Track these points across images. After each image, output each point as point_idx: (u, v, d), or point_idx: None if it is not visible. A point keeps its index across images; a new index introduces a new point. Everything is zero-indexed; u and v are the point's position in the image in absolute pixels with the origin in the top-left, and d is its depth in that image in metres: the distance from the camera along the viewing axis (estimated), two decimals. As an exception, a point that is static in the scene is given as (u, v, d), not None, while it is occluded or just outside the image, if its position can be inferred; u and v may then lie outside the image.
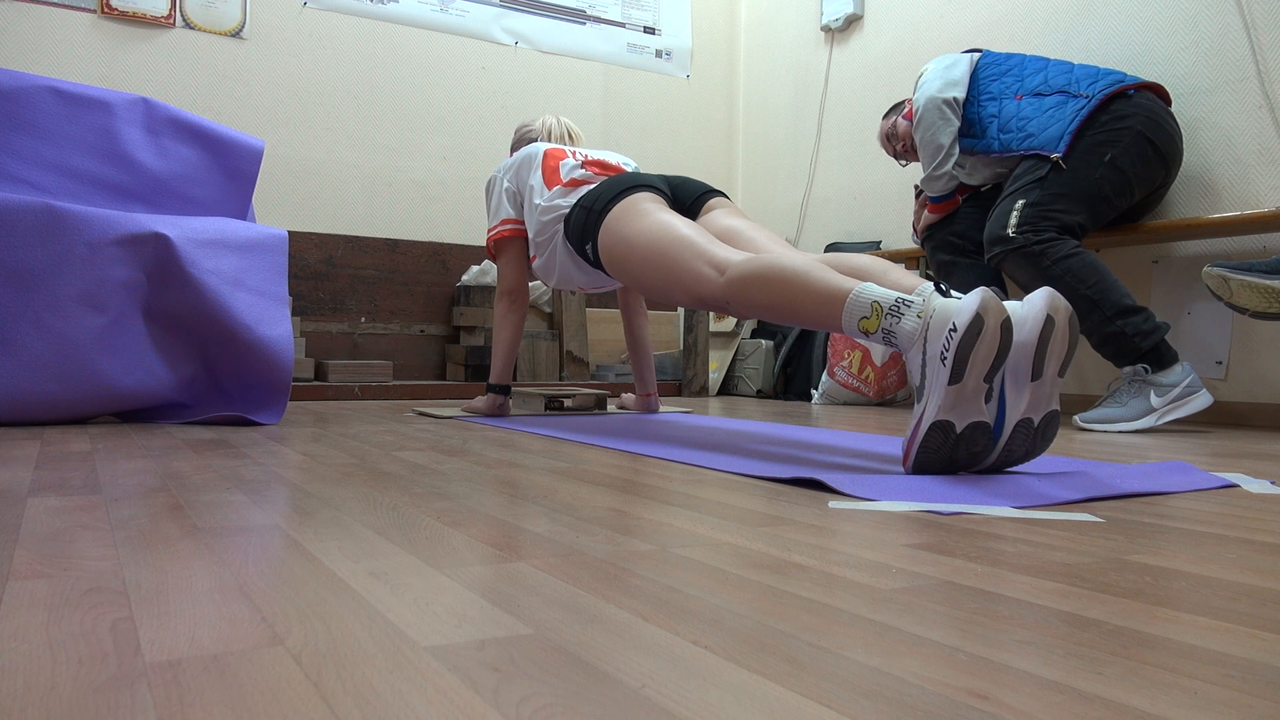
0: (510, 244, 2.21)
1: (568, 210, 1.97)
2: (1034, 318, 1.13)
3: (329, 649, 0.48)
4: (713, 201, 1.90)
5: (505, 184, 2.21)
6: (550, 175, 2.09)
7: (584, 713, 0.39)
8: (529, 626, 0.52)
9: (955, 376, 1.09)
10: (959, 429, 1.12)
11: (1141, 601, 0.59)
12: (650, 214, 1.72)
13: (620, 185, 1.86)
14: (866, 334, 1.21)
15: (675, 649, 0.48)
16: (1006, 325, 1.09)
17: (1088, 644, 0.49)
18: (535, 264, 2.14)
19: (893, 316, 1.18)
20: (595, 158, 2.11)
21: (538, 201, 2.07)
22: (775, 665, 0.46)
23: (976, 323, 1.07)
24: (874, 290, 1.21)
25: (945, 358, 1.09)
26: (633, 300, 2.49)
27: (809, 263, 1.33)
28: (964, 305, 1.09)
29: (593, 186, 1.94)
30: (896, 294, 1.19)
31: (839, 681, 0.43)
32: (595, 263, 1.89)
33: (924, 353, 1.14)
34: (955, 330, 1.08)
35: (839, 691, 0.42)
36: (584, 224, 1.88)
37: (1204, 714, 0.40)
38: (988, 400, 1.14)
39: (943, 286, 1.18)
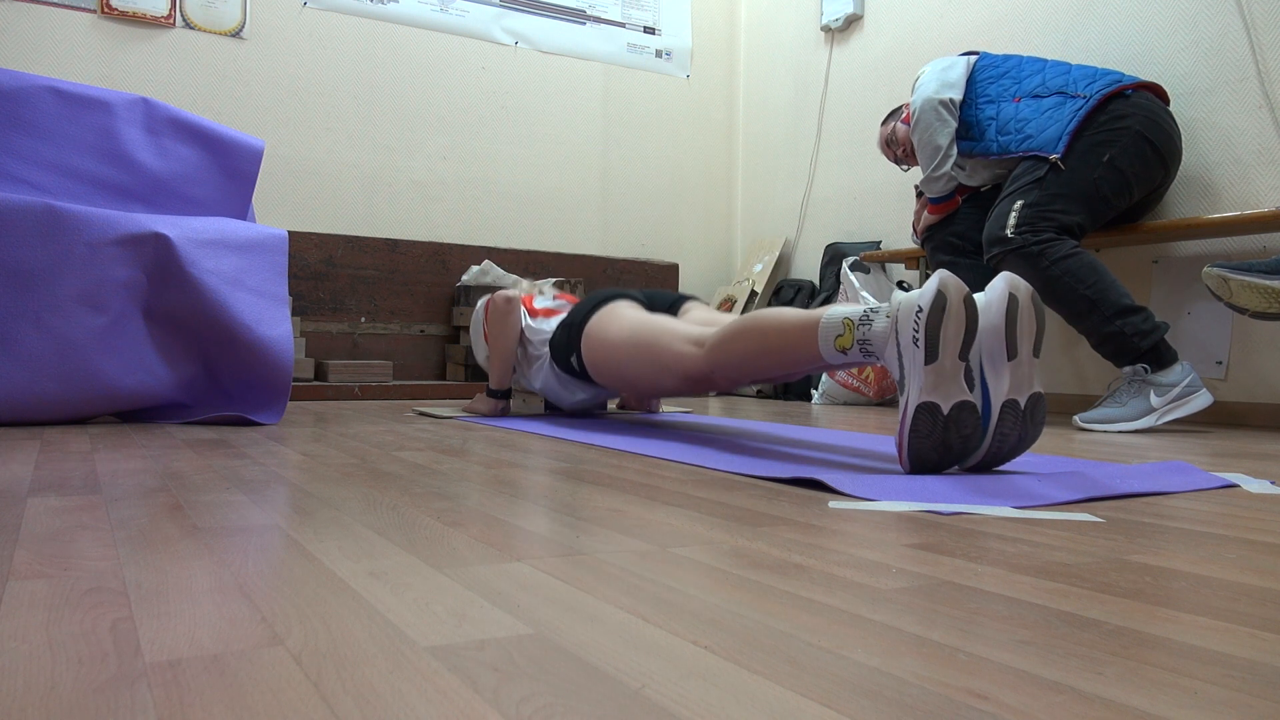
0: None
1: (550, 334, 2.10)
2: (998, 299, 1.18)
3: (329, 649, 0.48)
4: (687, 304, 2.00)
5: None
6: (529, 306, 2.26)
7: (584, 713, 0.39)
8: (529, 626, 0.52)
9: (930, 355, 1.14)
10: (945, 410, 1.15)
11: (1141, 601, 0.59)
12: (626, 315, 1.84)
13: (597, 298, 1.97)
14: (844, 352, 1.27)
15: (675, 649, 0.48)
16: (969, 300, 1.15)
17: (1088, 644, 0.49)
18: (523, 373, 2.26)
19: (864, 325, 1.24)
20: (563, 296, 2.31)
21: (526, 322, 2.23)
22: (775, 665, 0.46)
23: (940, 299, 1.13)
24: (842, 309, 1.29)
25: (917, 339, 1.14)
26: None
27: (776, 310, 1.42)
28: (925, 288, 1.16)
29: (570, 309, 2.06)
30: (864, 306, 1.27)
31: (839, 681, 0.43)
32: (582, 373, 1.98)
33: (898, 344, 1.19)
34: (921, 311, 1.14)
35: (839, 691, 0.42)
36: (566, 339, 1.98)
37: (1204, 714, 0.40)
38: (970, 386, 1.17)
39: (903, 283, 1.24)
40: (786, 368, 1.39)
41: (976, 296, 1.21)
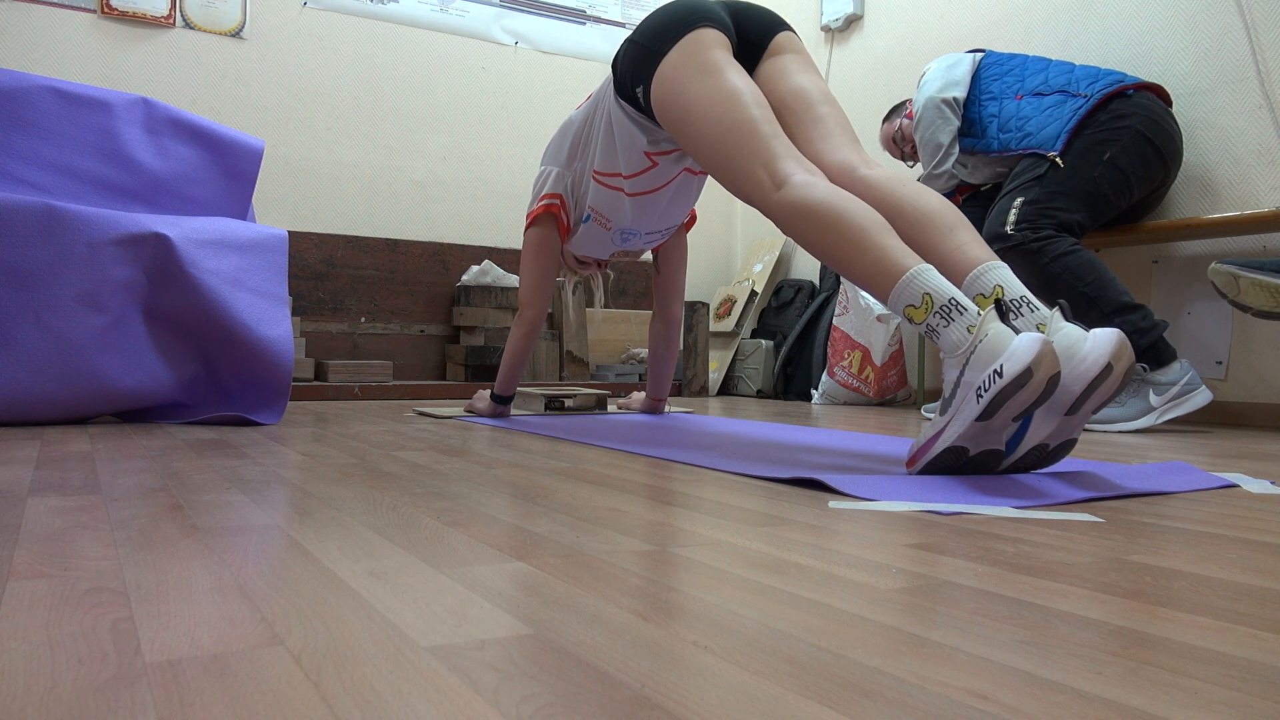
0: (546, 230, 2.15)
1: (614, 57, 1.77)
2: (1093, 360, 1.07)
3: (329, 649, 0.48)
4: (781, 40, 1.65)
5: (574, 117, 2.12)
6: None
7: (584, 713, 0.39)
8: (529, 626, 0.52)
9: (985, 415, 1.06)
10: (972, 453, 1.12)
11: (1141, 601, 0.59)
12: (714, 74, 1.50)
13: (679, 14, 1.59)
14: (910, 320, 1.15)
15: (675, 649, 0.48)
16: (1054, 380, 1.03)
17: (1088, 644, 0.49)
18: (584, 226, 2.11)
19: (942, 318, 1.11)
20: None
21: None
22: (775, 665, 0.46)
23: (1024, 376, 1.01)
24: (930, 280, 1.14)
25: (981, 396, 1.05)
26: (667, 296, 2.41)
27: (869, 220, 1.22)
28: (1016, 351, 1.02)
29: (643, 30, 1.66)
30: (952, 294, 1.12)
31: (839, 681, 0.43)
32: (646, 109, 1.69)
33: (961, 374, 1.10)
34: (1000, 375, 1.02)
35: (839, 691, 0.42)
36: (636, 61, 1.65)
37: (1204, 714, 0.40)
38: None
39: (1003, 303, 1.12)
40: (849, 280, 1.26)
41: (1071, 336, 1.10)
